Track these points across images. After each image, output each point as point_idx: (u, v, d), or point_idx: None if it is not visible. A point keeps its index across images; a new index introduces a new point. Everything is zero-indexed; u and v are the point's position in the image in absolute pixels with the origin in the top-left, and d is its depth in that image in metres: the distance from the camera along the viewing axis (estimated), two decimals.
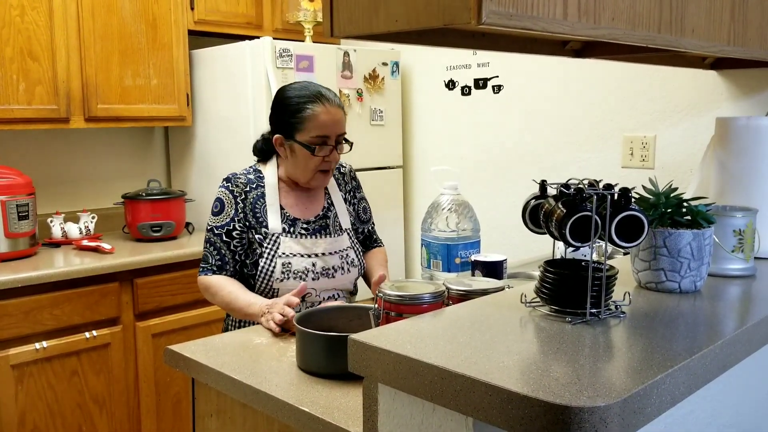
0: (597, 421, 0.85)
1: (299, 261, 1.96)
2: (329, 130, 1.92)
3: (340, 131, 1.95)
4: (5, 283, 2.47)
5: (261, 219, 1.97)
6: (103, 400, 2.76)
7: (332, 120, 1.93)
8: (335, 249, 2.02)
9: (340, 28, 1.16)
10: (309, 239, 1.99)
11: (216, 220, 1.98)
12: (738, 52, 1.65)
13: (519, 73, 3.16)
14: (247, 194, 1.98)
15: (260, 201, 1.98)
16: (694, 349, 1.04)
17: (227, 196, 1.98)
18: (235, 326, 2.04)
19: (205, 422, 1.61)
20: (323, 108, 1.92)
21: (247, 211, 1.97)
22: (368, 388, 1.11)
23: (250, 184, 1.99)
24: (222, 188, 2.00)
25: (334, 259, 2.01)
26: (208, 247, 1.98)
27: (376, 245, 2.24)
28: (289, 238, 1.97)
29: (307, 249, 1.98)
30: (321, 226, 2.03)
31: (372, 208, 2.24)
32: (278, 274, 1.94)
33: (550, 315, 1.22)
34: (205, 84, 3.30)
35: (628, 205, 1.20)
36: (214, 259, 1.97)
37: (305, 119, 1.92)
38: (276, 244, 1.96)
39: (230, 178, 2.01)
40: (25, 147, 3.16)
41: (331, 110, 1.93)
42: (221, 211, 1.98)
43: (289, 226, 1.99)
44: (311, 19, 3.29)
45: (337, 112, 1.95)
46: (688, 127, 2.64)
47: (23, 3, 2.73)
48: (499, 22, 1.00)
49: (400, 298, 1.46)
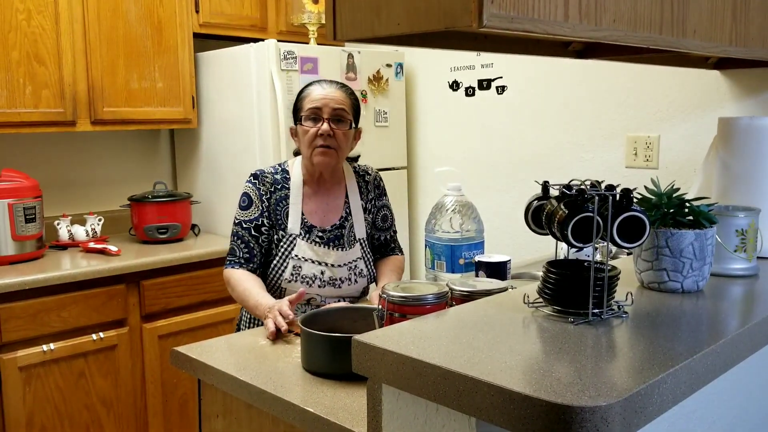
0: (599, 421, 0.85)
1: (309, 266, 1.99)
2: (319, 102, 1.97)
3: (332, 105, 1.98)
4: (13, 285, 2.49)
5: (280, 220, 2.01)
6: (110, 402, 2.78)
7: (324, 94, 1.98)
8: (345, 261, 2.04)
9: (343, 32, 1.17)
10: (322, 248, 2.02)
11: (244, 214, 2.01)
12: (740, 52, 1.65)
13: (523, 74, 3.17)
14: (272, 194, 2.02)
15: (283, 203, 2.02)
16: (696, 349, 1.05)
17: (255, 193, 2.02)
18: (248, 324, 2.06)
19: (211, 423, 1.62)
20: (317, 86, 2.02)
21: (270, 210, 2.01)
22: (372, 388, 1.12)
23: (276, 185, 2.03)
24: (249, 184, 2.04)
25: (342, 271, 2.03)
26: (236, 241, 2.01)
27: (393, 253, 2.22)
28: (305, 242, 2.01)
29: (319, 257, 2.01)
30: (336, 236, 2.05)
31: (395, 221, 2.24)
32: (287, 275, 1.98)
33: (553, 315, 1.22)
34: (210, 86, 3.32)
35: (629, 206, 1.20)
36: (241, 251, 1.99)
37: (302, 99, 2.02)
38: (291, 245, 2.00)
39: (258, 174, 2.04)
40: (32, 150, 3.18)
41: (326, 88, 2.01)
42: (249, 205, 2.02)
43: (305, 231, 2.01)
44: (315, 21, 3.30)
45: (332, 90, 2.00)
46: (691, 127, 2.64)
47: (29, 7, 2.75)
48: (500, 24, 1.00)
49: (404, 299, 1.46)
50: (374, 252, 2.19)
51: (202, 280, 3.00)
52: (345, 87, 2.05)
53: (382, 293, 1.49)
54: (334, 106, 1.98)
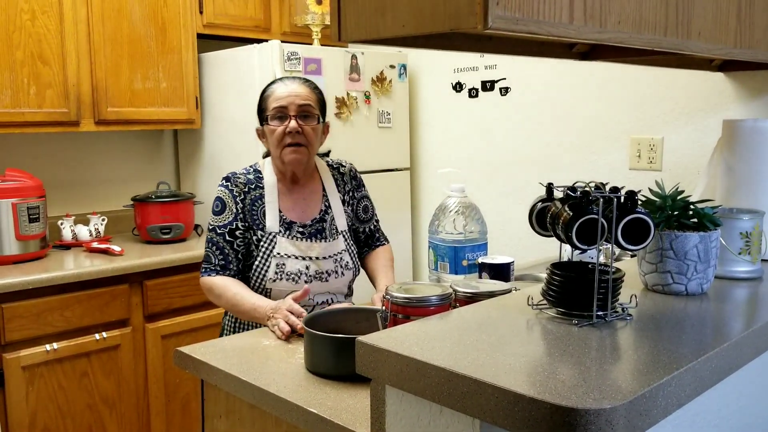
0: (603, 423, 0.85)
1: (293, 263, 1.96)
2: (285, 101, 1.95)
3: (298, 102, 1.95)
4: (16, 285, 2.50)
5: (258, 221, 1.98)
6: (113, 401, 2.78)
7: (287, 92, 1.96)
8: (330, 253, 2.01)
9: (348, 33, 1.17)
10: (304, 242, 1.99)
11: (218, 219, 1.98)
12: (745, 54, 1.65)
13: (526, 76, 3.16)
14: (245, 195, 1.99)
15: (258, 202, 1.99)
16: (700, 352, 1.05)
17: (227, 195, 1.98)
18: (232, 328, 2.03)
19: (214, 423, 1.62)
20: (280, 84, 2.00)
21: (246, 211, 1.98)
22: (376, 389, 1.12)
23: (249, 185, 2.00)
24: (222, 187, 2.01)
25: (328, 263, 2.00)
26: (211, 247, 1.98)
27: (379, 244, 2.22)
28: (285, 239, 1.98)
29: (302, 251, 1.98)
30: (317, 229, 2.03)
31: (379, 211, 2.23)
32: (271, 274, 1.95)
33: (557, 317, 1.22)
34: (214, 87, 3.32)
35: (634, 208, 1.20)
36: (216, 259, 1.96)
37: (266, 98, 1.99)
38: (272, 244, 1.96)
39: (230, 177, 2.01)
40: (36, 150, 3.19)
41: (289, 84, 1.98)
42: (222, 210, 1.98)
43: (285, 228, 1.99)
44: (319, 22, 3.31)
45: (296, 87, 1.98)
46: (695, 129, 2.64)
47: (34, 8, 2.76)
48: (505, 26, 1.00)
49: (408, 301, 1.46)
50: (361, 245, 2.18)
51: None
52: (308, 82, 2.03)
53: (386, 294, 1.49)
54: (300, 102, 1.95)
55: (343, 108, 3.26)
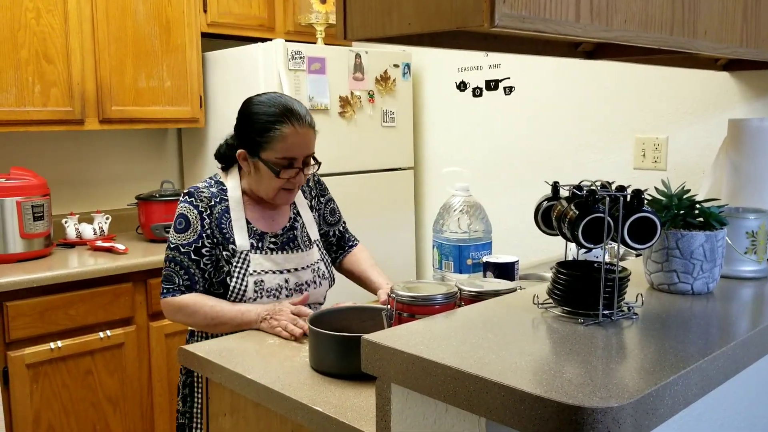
0: (610, 422, 0.85)
1: (271, 278, 1.88)
2: (297, 152, 1.83)
3: (308, 153, 1.86)
4: (20, 283, 2.50)
5: (228, 235, 1.87)
6: (117, 400, 2.78)
7: (301, 142, 1.82)
8: (306, 263, 1.96)
9: (353, 31, 1.16)
10: (280, 255, 1.92)
11: (181, 237, 1.84)
12: (751, 53, 1.65)
13: (531, 75, 3.16)
14: (212, 209, 1.87)
15: (225, 215, 1.88)
16: (706, 351, 1.04)
17: (191, 212, 1.85)
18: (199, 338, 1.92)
19: (218, 421, 1.62)
20: (292, 129, 1.81)
21: (213, 226, 1.86)
22: (381, 388, 1.11)
23: (214, 198, 1.88)
24: (185, 203, 1.87)
25: (306, 274, 1.95)
26: (173, 267, 1.83)
27: (352, 244, 2.19)
28: (259, 254, 1.89)
29: (279, 265, 1.90)
30: (289, 238, 1.95)
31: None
32: (251, 293, 1.85)
33: (563, 316, 1.22)
34: (217, 86, 3.32)
35: (640, 207, 1.20)
36: (181, 279, 1.83)
37: (272, 139, 1.81)
38: (246, 262, 1.86)
39: (192, 192, 1.88)
40: (40, 148, 3.19)
41: (300, 131, 1.82)
42: (187, 228, 1.85)
43: (257, 241, 1.90)
44: (323, 21, 3.31)
45: (306, 133, 1.83)
46: (700, 129, 2.63)
47: (39, 6, 2.76)
48: (511, 24, 1.00)
49: (413, 299, 1.46)
50: (334, 248, 2.15)
51: None
52: (311, 118, 1.87)
53: (391, 293, 1.49)
54: (307, 153, 1.86)
55: (347, 107, 3.26)
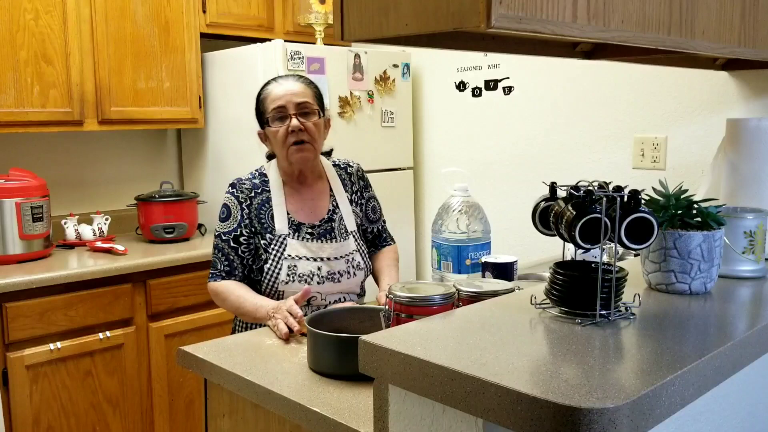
0: (606, 423, 0.85)
1: (305, 264, 1.96)
2: (283, 100, 1.94)
3: (296, 100, 1.95)
4: (20, 284, 2.50)
5: (266, 224, 1.98)
6: (117, 401, 2.78)
7: (284, 90, 1.96)
8: (341, 254, 2.01)
9: (351, 32, 1.17)
10: (315, 243, 1.99)
11: (223, 226, 1.99)
12: (749, 53, 1.65)
13: (530, 75, 3.16)
14: (252, 200, 1.99)
15: (265, 206, 1.99)
16: (704, 351, 1.04)
17: (233, 202, 1.99)
18: (243, 329, 2.04)
19: (217, 422, 1.62)
20: (275, 83, 1.99)
21: (252, 216, 1.98)
22: (379, 389, 1.12)
23: (255, 189, 2.00)
24: (228, 194, 2.01)
25: (340, 264, 2.00)
26: (217, 254, 1.99)
27: (386, 244, 2.23)
28: (296, 240, 1.98)
29: (313, 252, 1.98)
30: (326, 230, 2.03)
31: (382, 210, 2.24)
32: (284, 276, 1.95)
33: (560, 316, 1.22)
34: (217, 86, 3.33)
35: (637, 207, 1.20)
36: (222, 265, 1.98)
37: (263, 100, 1.99)
38: (282, 246, 1.97)
39: (235, 183, 2.02)
40: (40, 149, 3.19)
41: (283, 83, 1.98)
42: (228, 217, 1.99)
43: (294, 230, 1.99)
44: (322, 22, 3.31)
45: (290, 85, 1.97)
46: (699, 128, 2.63)
47: (37, 7, 2.76)
48: (508, 25, 1.00)
49: (411, 300, 1.46)
50: (368, 245, 2.18)
51: None
52: (303, 78, 2.03)
53: (389, 294, 1.49)
54: (298, 100, 1.95)
55: (347, 107, 3.26)
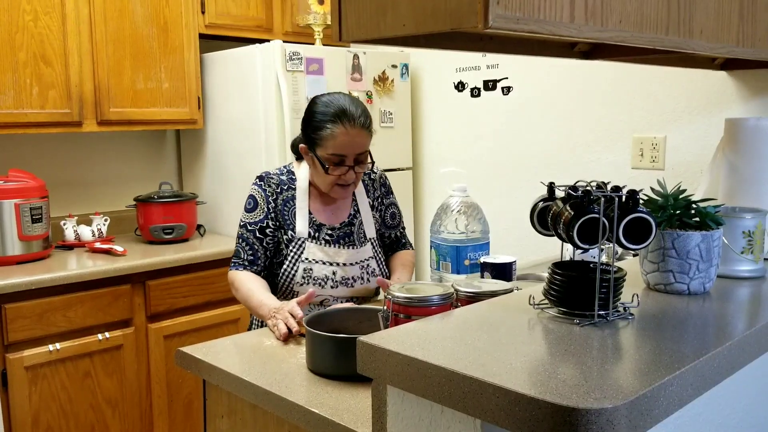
0: (604, 423, 0.85)
1: (320, 268, 1.99)
2: (346, 150, 1.91)
3: (359, 151, 1.93)
4: (19, 285, 2.50)
5: (288, 222, 2.01)
6: (116, 401, 2.78)
7: (350, 142, 1.90)
8: (357, 260, 2.04)
9: (349, 33, 1.17)
10: (332, 247, 2.01)
11: (249, 216, 2.01)
12: (747, 53, 1.65)
13: (528, 75, 3.16)
14: (278, 195, 2.02)
15: (290, 203, 2.02)
16: (702, 351, 1.04)
17: (260, 195, 2.02)
18: (260, 324, 2.05)
19: (216, 423, 1.62)
20: (342, 129, 1.89)
21: (277, 211, 2.01)
22: (377, 389, 1.12)
23: (282, 185, 2.03)
24: (255, 186, 2.04)
25: (355, 270, 2.03)
26: (241, 243, 2.01)
27: (404, 249, 2.24)
28: (314, 244, 2.00)
29: (330, 257, 2.00)
30: (345, 233, 2.05)
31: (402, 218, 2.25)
32: (299, 278, 1.98)
33: (559, 317, 1.22)
34: (216, 87, 3.33)
35: (635, 207, 1.20)
36: (246, 254, 2.00)
37: (324, 138, 1.91)
38: (301, 249, 1.99)
39: (264, 177, 2.04)
40: (39, 150, 3.19)
41: (351, 131, 1.89)
42: (254, 208, 2.01)
43: (314, 231, 2.01)
44: (321, 22, 3.31)
45: (358, 134, 1.90)
46: (698, 128, 2.63)
47: (36, 8, 2.76)
48: (505, 25, 1.00)
49: (409, 300, 1.46)
50: (385, 250, 2.20)
51: (207, 281, 3.00)
52: (367, 119, 1.93)
53: (387, 294, 1.49)
54: (359, 151, 1.93)
55: None
